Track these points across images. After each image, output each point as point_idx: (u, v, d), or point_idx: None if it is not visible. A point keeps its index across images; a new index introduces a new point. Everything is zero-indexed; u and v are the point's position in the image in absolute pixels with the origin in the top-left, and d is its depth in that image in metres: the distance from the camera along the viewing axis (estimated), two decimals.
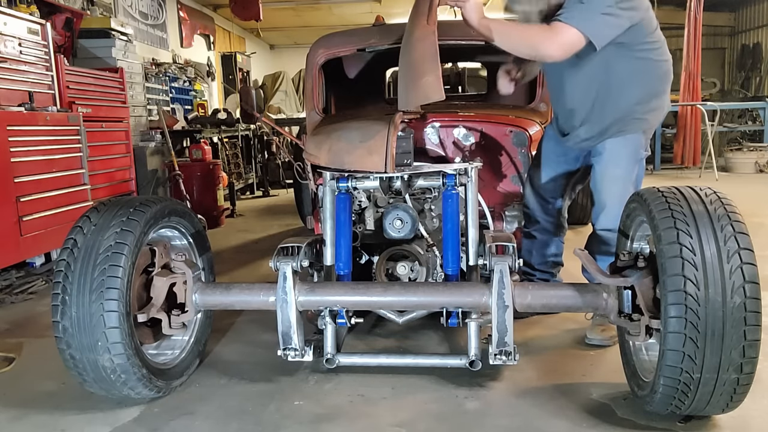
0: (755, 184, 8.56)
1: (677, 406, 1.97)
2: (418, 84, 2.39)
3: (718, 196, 1.97)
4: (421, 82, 2.38)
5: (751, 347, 1.81)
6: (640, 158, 2.77)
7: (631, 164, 2.74)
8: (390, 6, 12.71)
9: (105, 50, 6.06)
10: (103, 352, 2.11)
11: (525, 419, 2.19)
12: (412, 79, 2.43)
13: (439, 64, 2.38)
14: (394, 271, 2.71)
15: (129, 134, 5.61)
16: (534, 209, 3.11)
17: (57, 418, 2.30)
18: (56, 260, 2.42)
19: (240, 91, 4.69)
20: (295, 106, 13.62)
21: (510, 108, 3.63)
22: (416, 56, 2.44)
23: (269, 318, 2.58)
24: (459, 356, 2.36)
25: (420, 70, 2.41)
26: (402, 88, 2.47)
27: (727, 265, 1.81)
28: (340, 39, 3.72)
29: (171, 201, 2.50)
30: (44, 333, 3.24)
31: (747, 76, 13.86)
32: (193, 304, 2.43)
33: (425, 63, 2.40)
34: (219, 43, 12.70)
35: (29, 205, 3.92)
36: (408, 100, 2.46)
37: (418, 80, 2.40)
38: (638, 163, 2.77)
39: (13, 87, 4.03)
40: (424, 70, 2.40)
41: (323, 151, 2.55)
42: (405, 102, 2.46)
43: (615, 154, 2.74)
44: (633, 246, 2.34)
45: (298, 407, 2.32)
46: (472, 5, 2.46)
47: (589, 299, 2.24)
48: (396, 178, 2.51)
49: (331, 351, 2.39)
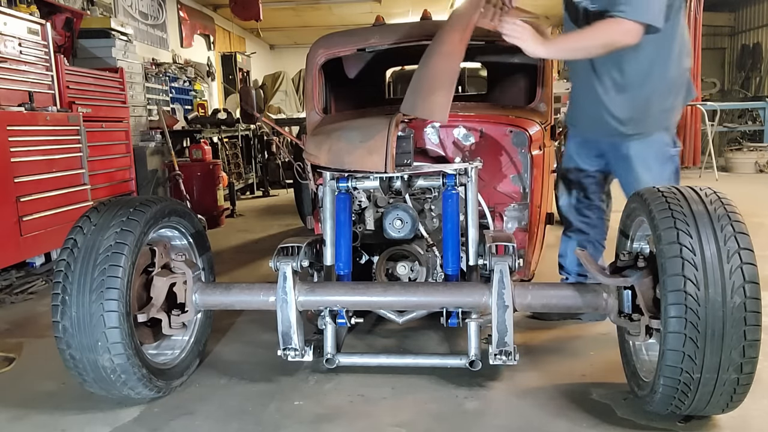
0: (755, 184, 8.56)
1: (677, 406, 1.97)
2: (428, 98, 2.41)
3: (718, 196, 1.97)
4: (431, 98, 2.40)
5: (751, 347, 1.81)
6: (669, 156, 2.76)
7: (660, 164, 2.73)
8: (390, 6, 12.71)
9: (105, 50, 6.07)
10: (103, 352, 2.11)
11: (525, 419, 2.19)
12: (424, 90, 2.44)
13: (454, 87, 2.40)
14: (394, 271, 2.71)
15: (129, 134, 5.62)
16: (568, 212, 3.12)
17: (57, 418, 2.30)
18: (56, 260, 2.42)
19: (240, 91, 4.68)
20: (295, 106, 13.62)
21: (510, 108, 3.63)
22: (437, 69, 2.45)
23: (269, 318, 2.58)
24: (459, 356, 2.36)
25: (435, 85, 2.43)
26: (411, 92, 2.47)
27: (727, 265, 1.81)
28: (340, 39, 3.71)
29: (171, 201, 2.50)
30: (44, 333, 3.24)
31: (747, 76, 13.85)
32: (193, 304, 2.43)
33: (443, 81, 2.42)
34: (219, 43, 12.70)
35: (29, 205, 3.92)
36: (413, 107, 2.46)
37: (429, 94, 2.42)
38: (669, 160, 2.75)
39: (13, 87, 4.03)
40: (438, 87, 2.41)
41: (323, 151, 2.54)
42: (409, 107, 2.46)
43: (642, 159, 2.73)
44: (633, 246, 2.34)
45: (298, 407, 2.32)
46: (529, 36, 2.48)
47: (589, 299, 2.24)
48: (396, 178, 2.51)
49: (331, 351, 2.39)
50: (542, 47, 2.51)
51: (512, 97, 4.22)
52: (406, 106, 2.48)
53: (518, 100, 4.06)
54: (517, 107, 3.65)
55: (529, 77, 3.91)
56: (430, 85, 2.43)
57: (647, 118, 2.71)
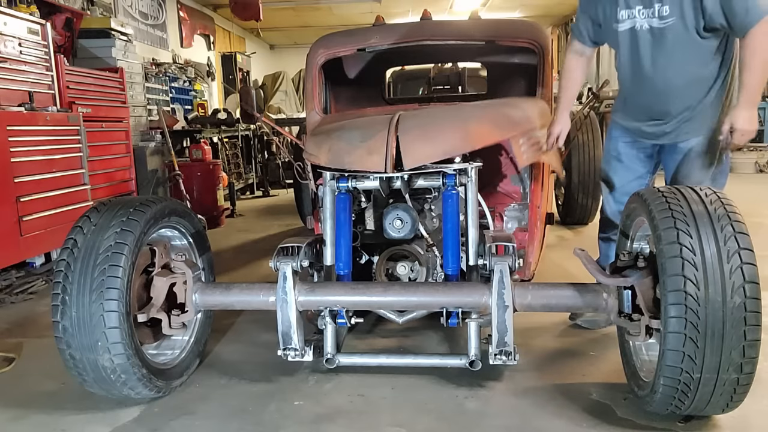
0: (755, 184, 8.55)
1: (677, 406, 1.97)
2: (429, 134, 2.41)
3: (718, 196, 1.97)
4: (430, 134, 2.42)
5: (751, 347, 1.81)
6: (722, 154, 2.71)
7: (718, 162, 2.68)
8: (390, 6, 12.71)
9: (105, 50, 6.06)
10: (103, 352, 2.11)
11: (525, 419, 2.19)
12: (430, 127, 2.45)
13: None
14: (394, 271, 2.71)
15: (129, 134, 5.61)
16: (613, 214, 3.01)
17: (57, 418, 2.30)
18: (56, 260, 2.42)
19: (240, 91, 4.68)
20: (295, 106, 13.62)
21: None
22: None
23: (269, 318, 2.58)
24: (459, 356, 2.36)
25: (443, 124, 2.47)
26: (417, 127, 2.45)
27: (727, 265, 1.81)
28: (340, 39, 3.71)
29: (171, 201, 2.50)
30: (44, 333, 3.24)
31: None
32: (193, 304, 2.43)
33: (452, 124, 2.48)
34: (219, 43, 12.70)
35: (29, 205, 3.92)
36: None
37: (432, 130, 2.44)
38: (720, 159, 2.70)
39: (13, 87, 4.03)
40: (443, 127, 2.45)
41: (323, 151, 2.54)
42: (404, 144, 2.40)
43: (701, 154, 2.67)
44: (633, 246, 2.34)
45: (298, 407, 2.32)
46: (748, 123, 2.46)
47: (589, 299, 2.24)
48: (396, 178, 2.51)
49: (331, 351, 2.39)
50: (747, 111, 2.47)
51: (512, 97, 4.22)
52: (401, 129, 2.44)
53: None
54: None
55: (529, 77, 3.91)
56: (438, 123, 2.47)
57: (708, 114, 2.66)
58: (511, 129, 2.63)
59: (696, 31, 2.49)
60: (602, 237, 3.13)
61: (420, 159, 2.35)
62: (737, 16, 2.38)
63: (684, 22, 2.49)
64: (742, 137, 2.49)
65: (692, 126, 2.67)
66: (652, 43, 2.59)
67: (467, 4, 12.51)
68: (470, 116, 2.55)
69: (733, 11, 2.38)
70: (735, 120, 2.47)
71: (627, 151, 2.93)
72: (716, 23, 2.45)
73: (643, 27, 2.60)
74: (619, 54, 2.76)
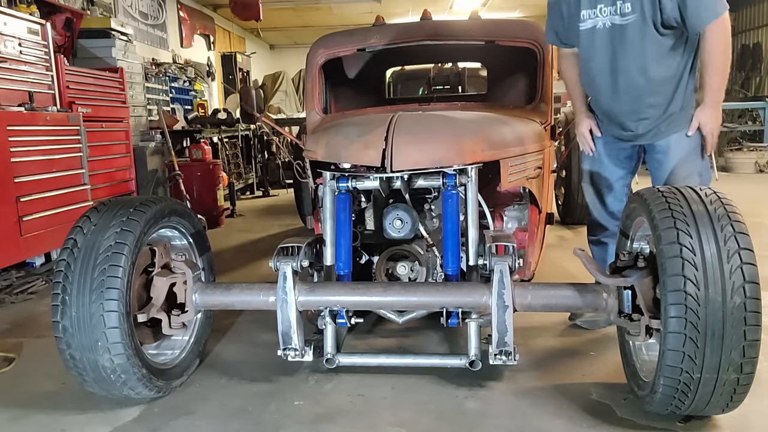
0: (755, 184, 8.55)
1: (677, 406, 1.97)
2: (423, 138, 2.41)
3: (718, 196, 1.97)
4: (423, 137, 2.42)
5: (751, 347, 1.81)
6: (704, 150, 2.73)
7: (700, 158, 2.70)
8: (390, 6, 12.72)
9: (105, 50, 6.07)
10: (103, 352, 2.11)
11: (525, 419, 2.19)
12: (428, 131, 2.46)
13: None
14: (394, 271, 2.71)
15: (129, 134, 5.62)
16: (600, 216, 3.04)
17: (57, 418, 2.30)
18: (56, 260, 2.42)
19: (240, 91, 4.68)
20: (295, 106, 13.63)
21: (510, 108, 3.63)
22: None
23: (269, 318, 2.58)
24: (459, 356, 2.35)
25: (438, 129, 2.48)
26: (414, 131, 2.45)
27: (727, 265, 1.81)
28: (340, 39, 3.72)
29: (171, 201, 2.50)
30: (44, 333, 3.24)
31: (747, 76, 13.83)
32: (193, 304, 2.43)
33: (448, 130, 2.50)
34: (219, 43, 12.70)
35: (29, 205, 3.92)
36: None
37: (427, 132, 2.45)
38: (702, 156, 2.72)
39: (13, 87, 4.03)
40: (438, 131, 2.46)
41: (321, 145, 2.55)
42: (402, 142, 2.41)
43: (682, 150, 2.68)
44: (633, 246, 2.34)
45: (298, 407, 2.32)
46: (713, 121, 2.60)
47: (589, 299, 2.23)
48: (396, 178, 2.51)
49: (331, 351, 2.39)
50: (711, 110, 2.59)
51: (512, 97, 4.22)
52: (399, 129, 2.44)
53: (518, 100, 4.06)
54: (517, 107, 3.65)
55: (529, 77, 3.91)
56: (434, 128, 2.49)
57: (687, 110, 2.68)
58: (503, 151, 2.64)
59: (655, 27, 2.52)
60: (592, 240, 3.14)
61: (408, 164, 2.36)
62: (690, 17, 2.45)
63: (644, 18, 2.52)
64: (711, 136, 2.61)
65: (667, 126, 2.69)
66: (613, 41, 2.62)
67: (467, 4, 12.53)
68: (465, 130, 2.55)
69: (687, 11, 2.45)
70: (700, 119, 2.59)
71: (607, 152, 2.95)
72: (672, 20, 2.49)
73: (605, 25, 2.62)
74: (581, 54, 2.78)
